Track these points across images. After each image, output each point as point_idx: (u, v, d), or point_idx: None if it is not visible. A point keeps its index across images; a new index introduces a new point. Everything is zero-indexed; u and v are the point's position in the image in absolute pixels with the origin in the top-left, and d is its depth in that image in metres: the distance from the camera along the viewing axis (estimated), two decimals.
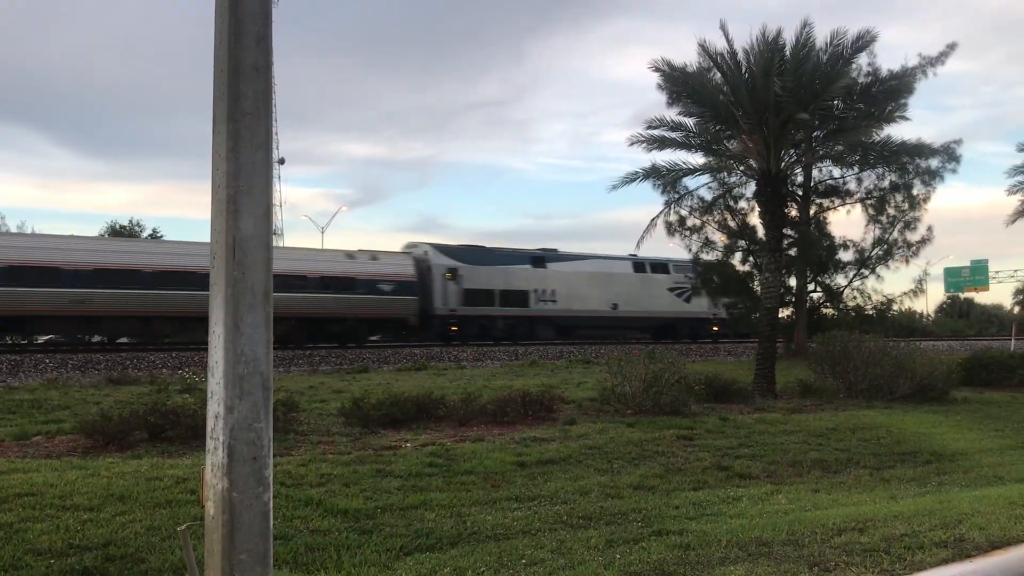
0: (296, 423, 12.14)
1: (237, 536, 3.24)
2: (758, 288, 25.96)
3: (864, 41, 17.80)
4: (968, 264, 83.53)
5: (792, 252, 27.46)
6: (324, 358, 27.71)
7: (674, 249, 36.12)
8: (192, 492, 7.81)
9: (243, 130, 3.37)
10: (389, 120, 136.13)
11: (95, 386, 17.97)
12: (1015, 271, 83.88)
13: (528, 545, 6.76)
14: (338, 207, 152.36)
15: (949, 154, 28.43)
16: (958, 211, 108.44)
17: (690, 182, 25.68)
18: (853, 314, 29.82)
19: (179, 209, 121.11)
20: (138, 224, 57.01)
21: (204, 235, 3.94)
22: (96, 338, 30.49)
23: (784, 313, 27.70)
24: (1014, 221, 32.54)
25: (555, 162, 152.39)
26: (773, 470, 10.97)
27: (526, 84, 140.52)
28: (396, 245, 47.36)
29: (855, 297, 30.01)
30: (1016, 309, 63.86)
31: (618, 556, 6.07)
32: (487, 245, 38.09)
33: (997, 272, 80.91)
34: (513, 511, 8.10)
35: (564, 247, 40.87)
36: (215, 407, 3.33)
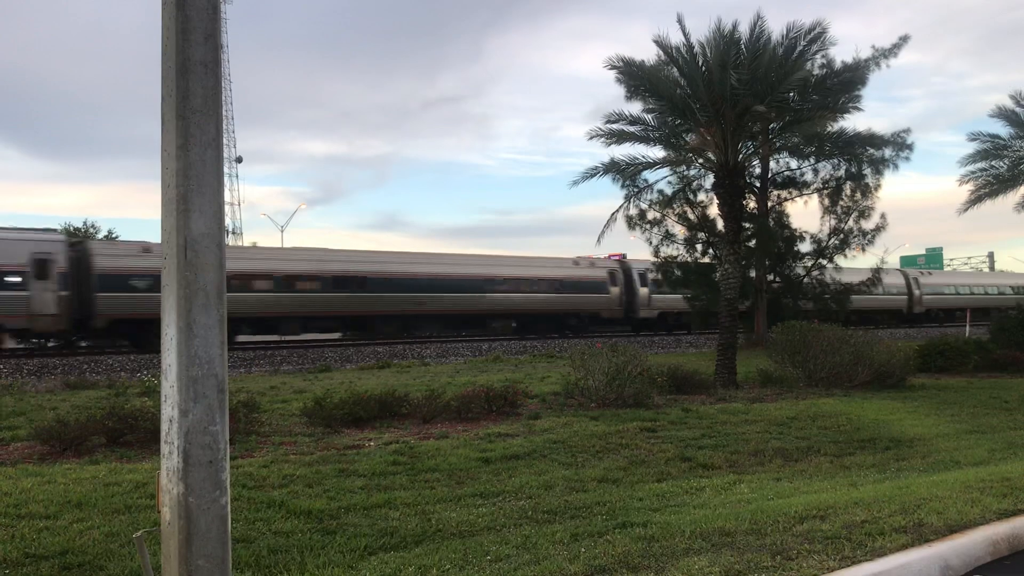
0: (258, 424, 12.01)
1: (194, 541, 3.19)
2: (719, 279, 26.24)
3: (817, 33, 18.02)
4: (923, 252, 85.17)
5: (751, 244, 27.74)
6: (286, 358, 27.49)
7: (636, 243, 36.63)
8: (152, 497, 7.70)
9: (192, 127, 3.32)
10: (347, 118, 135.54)
11: (51, 391, 17.65)
12: (969, 258, 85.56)
13: (493, 541, 6.75)
14: (297, 205, 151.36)
15: (899, 144, 28.90)
16: (913, 200, 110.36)
17: (650, 176, 25.94)
18: (812, 303, 30.23)
19: (133, 210, 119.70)
20: (93, 226, 56.08)
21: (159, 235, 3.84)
22: (51, 343, 30.27)
23: (745, 304, 27.97)
24: (966, 210, 33.06)
25: (516, 157, 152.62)
26: (735, 460, 11.06)
27: (484, 80, 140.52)
28: (356, 242, 47.04)
29: (814, 287, 30.38)
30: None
31: (583, 550, 6.08)
32: None
33: (952, 259, 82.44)
34: (478, 507, 8.08)
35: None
36: (169, 411, 3.28)
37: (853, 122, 26.02)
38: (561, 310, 39.54)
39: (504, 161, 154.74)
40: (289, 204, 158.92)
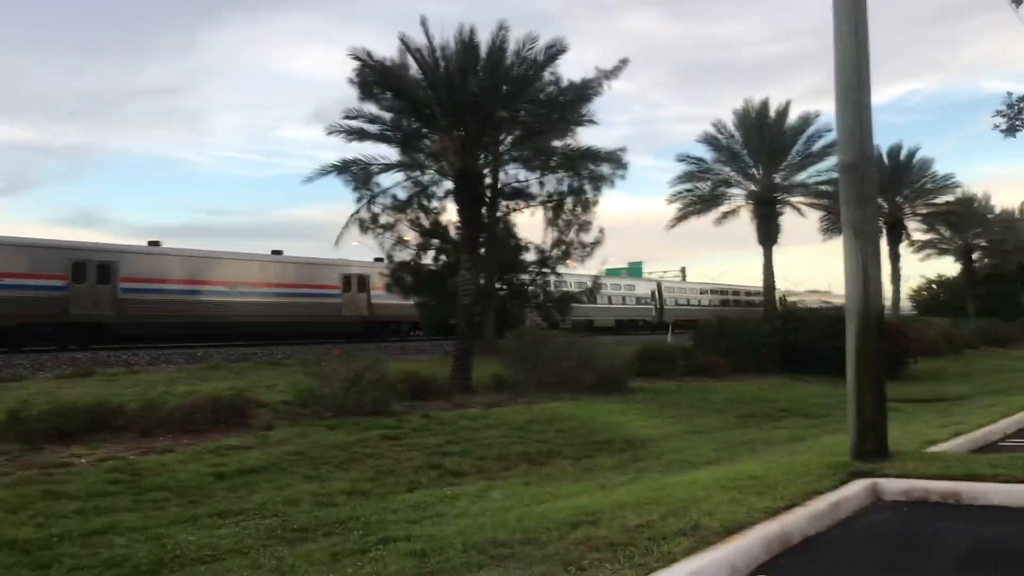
0: None
1: None
2: (452, 287, 26.39)
3: (556, 50, 18.50)
4: (626, 266, 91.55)
5: (481, 251, 28.12)
6: None
7: (362, 249, 35.90)
8: None
9: None
10: (36, 101, 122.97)
11: None
12: (664, 272, 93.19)
13: (243, 565, 6.06)
14: None
15: (617, 161, 30.63)
16: (617, 218, 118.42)
17: (385, 180, 25.47)
18: (536, 311, 31.24)
19: None
20: None
21: None
22: None
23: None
24: (674, 226, 36.05)
25: (231, 155, 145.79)
26: (482, 465, 10.95)
27: (198, 73, 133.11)
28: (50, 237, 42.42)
29: (538, 295, 31.38)
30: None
31: (349, 571, 5.56)
32: None
33: (650, 273, 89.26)
34: (219, 528, 7.29)
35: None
36: None
37: (576, 141, 27.43)
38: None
39: (219, 159, 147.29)
40: None
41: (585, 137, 32.93)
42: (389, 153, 20.98)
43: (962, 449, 9.09)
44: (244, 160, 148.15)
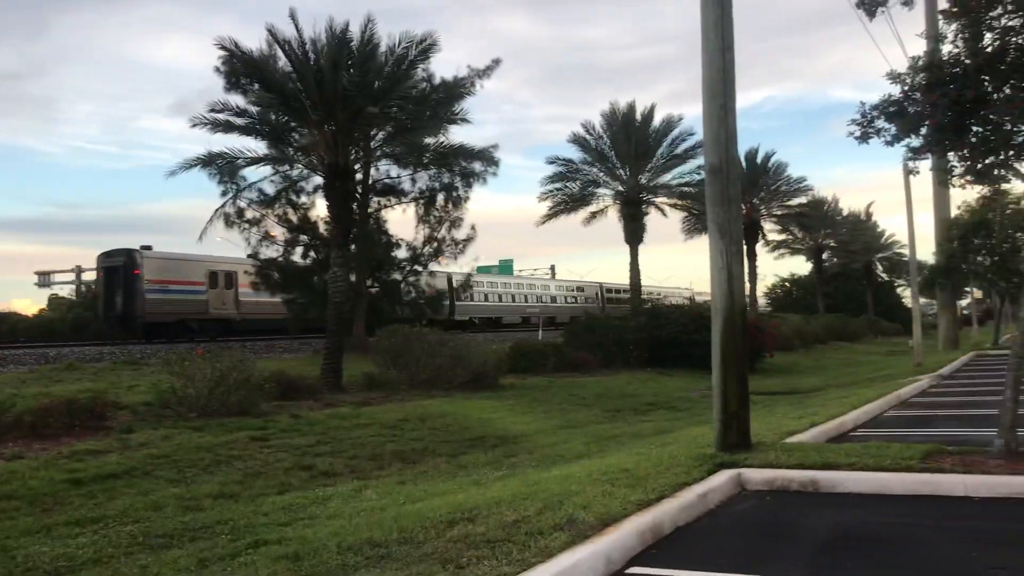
0: None
1: None
2: (320, 284, 25.92)
3: (427, 45, 18.43)
4: (497, 263, 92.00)
5: (352, 248, 27.70)
6: None
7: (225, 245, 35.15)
8: None
9: None
10: None
11: None
12: (535, 269, 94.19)
13: None
14: None
15: (489, 158, 30.77)
16: (487, 215, 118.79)
17: (252, 174, 24.79)
18: (408, 309, 31.01)
19: None
20: None
21: None
22: None
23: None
24: (544, 223, 36.53)
25: (85, 146, 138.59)
26: (355, 465, 10.80)
27: (49, 58, 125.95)
28: None
29: (410, 292, 31.17)
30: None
31: None
32: None
33: (521, 270, 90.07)
34: (76, 538, 6.93)
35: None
36: None
37: (448, 138, 27.39)
38: None
39: (72, 149, 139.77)
40: None
41: (457, 135, 32.83)
42: (257, 147, 20.43)
43: (818, 439, 9.51)
44: (100, 151, 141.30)
